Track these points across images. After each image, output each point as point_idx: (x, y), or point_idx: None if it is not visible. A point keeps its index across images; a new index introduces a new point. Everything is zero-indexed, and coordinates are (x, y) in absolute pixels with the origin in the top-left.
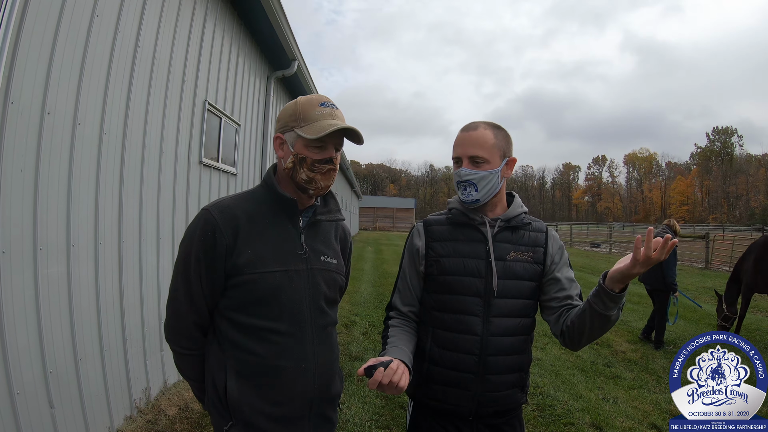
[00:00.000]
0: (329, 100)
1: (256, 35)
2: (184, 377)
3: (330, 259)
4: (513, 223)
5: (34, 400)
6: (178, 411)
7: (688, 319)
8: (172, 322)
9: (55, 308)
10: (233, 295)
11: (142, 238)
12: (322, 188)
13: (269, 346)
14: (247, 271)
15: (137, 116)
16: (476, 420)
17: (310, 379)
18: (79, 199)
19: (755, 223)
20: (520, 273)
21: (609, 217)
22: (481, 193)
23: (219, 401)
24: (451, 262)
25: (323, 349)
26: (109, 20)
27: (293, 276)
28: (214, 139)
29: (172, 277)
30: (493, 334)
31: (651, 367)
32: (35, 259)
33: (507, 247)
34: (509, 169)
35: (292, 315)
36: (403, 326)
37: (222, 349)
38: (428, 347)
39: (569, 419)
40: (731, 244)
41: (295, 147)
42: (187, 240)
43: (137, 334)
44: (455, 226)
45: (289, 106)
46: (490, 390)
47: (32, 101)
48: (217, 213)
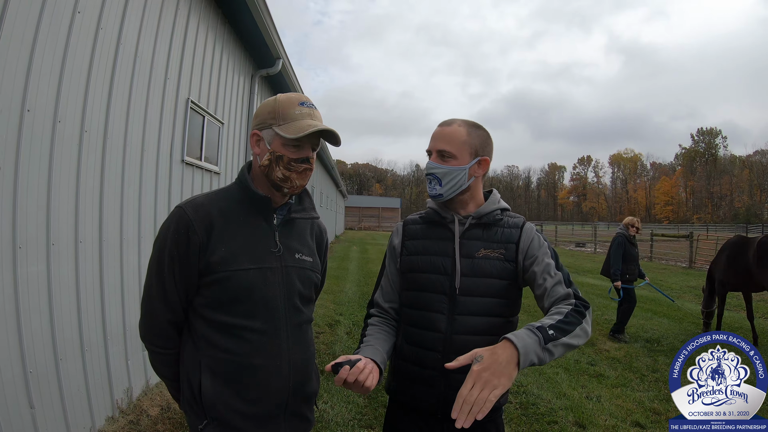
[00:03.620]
0: (308, 99)
1: (240, 33)
2: (160, 376)
3: (305, 257)
4: (485, 219)
5: (14, 401)
6: (160, 411)
7: (672, 317)
8: (147, 320)
9: (35, 307)
10: (207, 293)
11: (123, 236)
12: (297, 187)
13: (244, 344)
14: (221, 269)
15: (119, 114)
16: (445, 420)
17: (285, 377)
18: (59, 197)
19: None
20: (488, 270)
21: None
22: (445, 188)
23: (194, 400)
24: (420, 260)
25: (298, 347)
26: (91, 17)
27: (267, 274)
28: (197, 137)
29: (147, 275)
30: (457, 332)
31: (635, 365)
32: (14, 258)
33: (476, 245)
34: (481, 169)
35: (266, 313)
36: (381, 325)
37: (197, 347)
38: (399, 343)
39: (552, 418)
40: (715, 244)
41: (272, 145)
42: (161, 238)
43: (118, 334)
44: (429, 225)
45: (268, 103)
46: (454, 388)
47: (12, 98)
48: (191, 210)
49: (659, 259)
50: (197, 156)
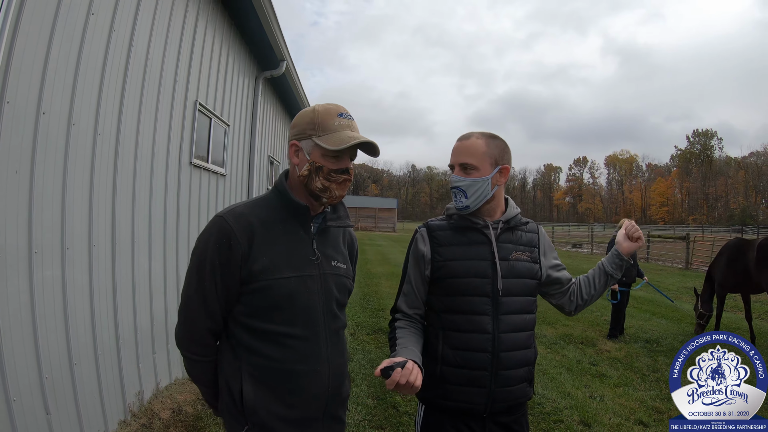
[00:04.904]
0: (346, 110)
1: (245, 35)
2: (196, 383)
3: (340, 264)
4: (512, 223)
5: (31, 407)
6: (171, 414)
7: (670, 318)
8: (186, 329)
9: (50, 312)
10: (248, 301)
11: (134, 239)
12: (336, 197)
13: (285, 350)
14: (263, 277)
15: (131, 116)
16: (489, 417)
17: (325, 381)
18: (74, 200)
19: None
20: (522, 271)
21: (590, 218)
22: (471, 200)
23: (234, 406)
24: (458, 265)
25: (336, 351)
26: (104, 18)
27: (307, 281)
28: (204, 139)
29: (186, 283)
30: (504, 331)
31: (635, 365)
32: (30, 263)
33: (509, 248)
34: (502, 177)
35: (306, 319)
36: (410, 327)
37: (236, 354)
38: (440, 349)
39: (558, 417)
40: (711, 245)
41: (312, 155)
42: (202, 247)
43: (130, 337)
44: (458, 230)
45: (306, 113)
46: (503, 385)
47: (28, 100)
48: (232, 220)
49: (656, 260)
50: (204, 158)
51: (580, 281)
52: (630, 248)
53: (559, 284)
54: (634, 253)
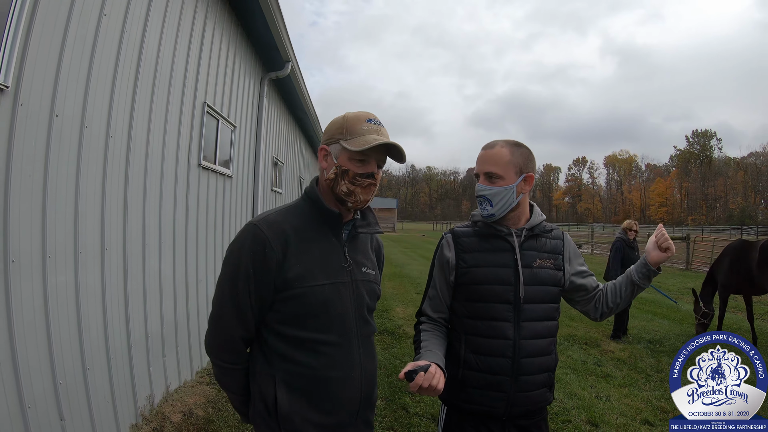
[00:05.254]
0: (376, 117)
1: (251, 36)
2: (225, 390)
3: (369, 270)
4: (536, 231)
5: (45, 413)
6: (182, 417)
7: (672, 319)
8: (218, 336)
9: (63, 317)
10: (282, 309)
11: (145, 242)
12: (360, 202)
13: (320, 357)
14: (297, 285)
15: (141, 118)
16: (508, 420)
17: (357, 387)
18: (86, 204)
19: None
20: (545, 279)
21: (589, 218)
22: (496, 208)
23: (267, 413)
24: (481, 272)
25: (367, 357)
26: (116, 20)
27: (340, 288)
28: (212, 141)
29: (217, 291)
30: (524, 338)
31: (639, 365)
32: (44, 268)
33: (532, 255)
34: (527, 185)
35: (340, 326)
36: (434, 330)
37: (269, 362)
38: (463, 353)
39: (566, 417)
40: (711, 245)
41: (339, 159)
42: (235, 255)
43: (141, 340)
44: (483, 237)
45: (337, 119)
46: (522, 390)
47: (41, 103)
48: (266, 228)
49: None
50: (212, 160)
51: (607, 289)
52: (659, 258)
53: (585, 291)
54: (636, 257)
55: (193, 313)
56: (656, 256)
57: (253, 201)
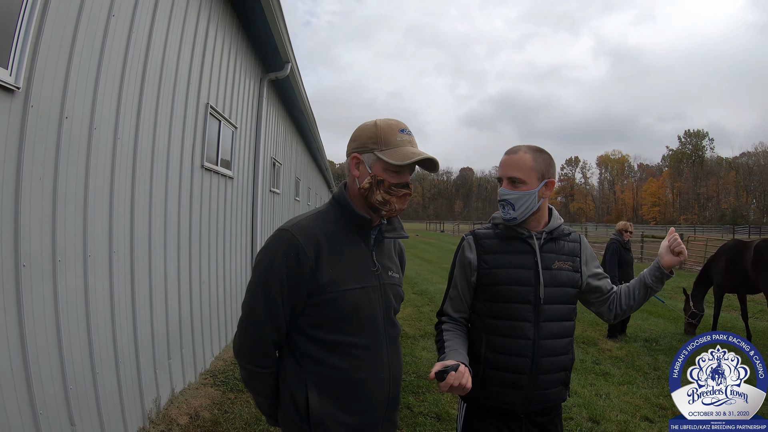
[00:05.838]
0: (407, 126)
1: (252, 36)
2: (254, 394)
3: (394, 274)
4: (555, 234)
5: (56, 419)
6: (189, 420)
7: (667, 318)
8: (249, 342)
9: (73, 321)
10: (314, 313)
11: (151, 244)
12: (395, 210)
13: (351, 360)
14: (330, 289)
15: (147, 119)
16: (526, 417)
17: (386, 387)
18: (95, 206)
19: (726, 224)
20: (563, 281)
21: (582, 218)
22: (518, 212)
23: (298, 416)
24: (503, 273)
25: (395, 358)
26: (124, 20)
27: (369, 292)
28: (214, 142)
29: (249, 296)
30: (544, 338)
31: (637, 363)
32: (54, 272)
33: (552, 257)
34: (548, 190)
35: (370, 329)
36: (456, 330)
37: (300, 365)
38: (483, 352)
39: (567, 414)
40: (705, 245)
41: (374, 169)
42: (267, 260)
43: (148, 343)
44: (504, 239)
45: (368, 127)
46: (541, 389)
47: (51, 104)
48: (299, 233)
49: (650, 260)
50: (214, 161)
51: (621, 291)
52: (672, 262)
53: (600, 293)
54: (631, 258)
55: (196, 315)
56: (669, 260)
57: (253, 202)
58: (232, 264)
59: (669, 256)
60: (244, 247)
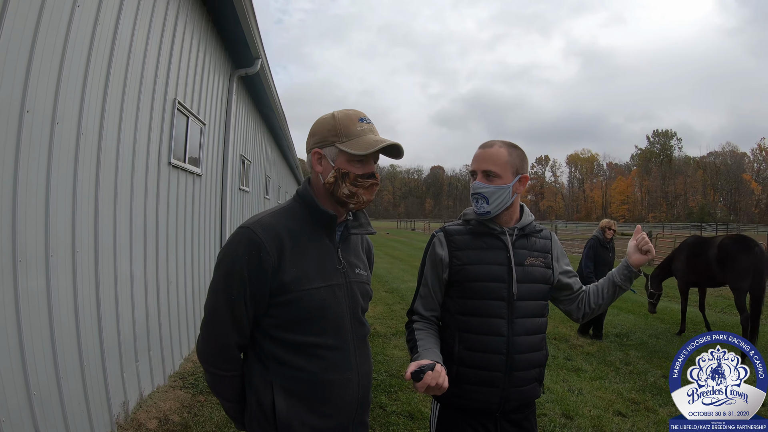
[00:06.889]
0: (365, 115)
1: (222, 31)
2: (220, 398)
3: (361, 272)
4: (527, 230)
5: (20, 427)
6: (158, 424)
7: (638, 313)
8: (212, 344)
9: (35, 324)
10: (278, 314)
11: (116, 243)
12: (363, 202)
13: (318, 361)
14: (294, 288)
15: (113, 115)
16: (501, 415)
17: (355, 388)
18: (57, 204)
19: (693, 221)
20: (536, 277)
21: (551, 216)
22: (492, 206)
23: (265, 419)
24: (475, 270)
25: (363, 358)
26: (89, 11)
27: (335, 291)
28: (182, 139)
29: (210, 297)
30: (518, 334)
31: (608, 359)
32: (15, 273)
33: (524, 254)
34: (521, 185)
35: (336, 329)
36: (428, 329)
37: (265, 367)
38: (457, 350)
39: (541, 410)
40: (673, 242)
41: (337, 162)
42: (228, 259)
43: (114, 346)
44: (475, 236)
45: (327, 120)
46: (515, 386)
47: (11, 97)
48: (261, 231)
49: (620, 256)
50: (182, 158)
51: (590, 290)
52: (640, 260)
53: (569, 290)
54: (610, 258)
55: (164, 316)
56: (637, 259)
57: (222, 200)
58: (201, 264)
59: (637, 254)
60: (213, 246)
